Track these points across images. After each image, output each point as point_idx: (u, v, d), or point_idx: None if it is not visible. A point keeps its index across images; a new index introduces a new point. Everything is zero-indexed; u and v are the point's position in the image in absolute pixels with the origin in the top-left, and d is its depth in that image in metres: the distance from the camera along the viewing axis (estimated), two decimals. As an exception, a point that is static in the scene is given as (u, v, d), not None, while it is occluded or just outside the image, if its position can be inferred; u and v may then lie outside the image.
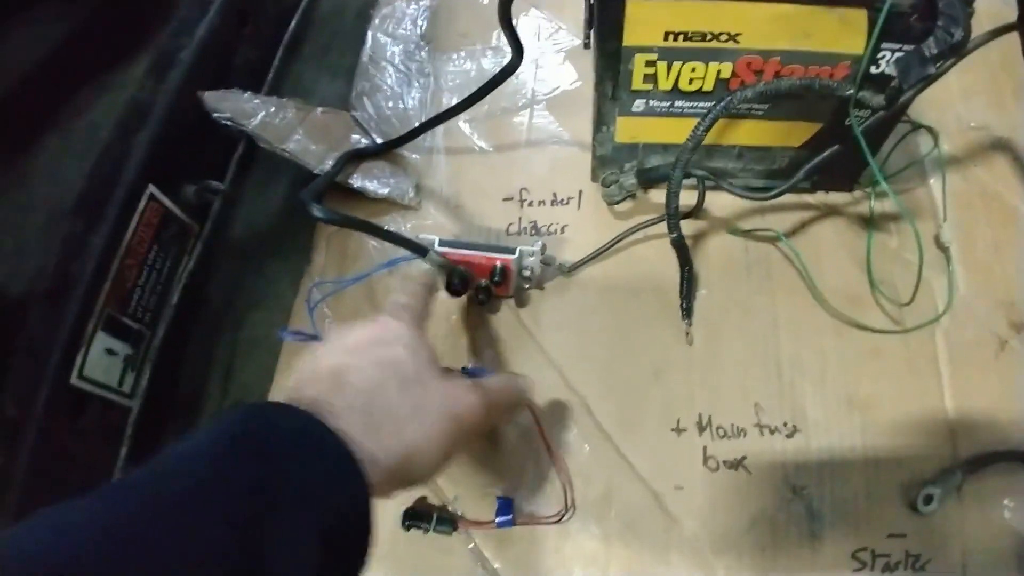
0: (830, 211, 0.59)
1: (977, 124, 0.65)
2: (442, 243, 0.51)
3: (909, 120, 0.60)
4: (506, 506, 0.48)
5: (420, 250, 0.49)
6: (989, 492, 0.49)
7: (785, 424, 0.51)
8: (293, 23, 0.70)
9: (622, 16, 0.45)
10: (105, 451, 0.51)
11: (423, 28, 0.69)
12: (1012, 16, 0.47)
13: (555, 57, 0.67)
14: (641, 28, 0.45)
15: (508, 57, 0.52)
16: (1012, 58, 0.50)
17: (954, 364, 0.53)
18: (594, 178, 0.59)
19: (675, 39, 0.46)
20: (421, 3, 0.70)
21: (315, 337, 0.48)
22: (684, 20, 0.45)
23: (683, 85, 0.49)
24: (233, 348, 0.58)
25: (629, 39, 0.46)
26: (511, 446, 0.51)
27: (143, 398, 0.54)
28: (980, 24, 0.45)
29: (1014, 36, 0.48)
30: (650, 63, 0.47)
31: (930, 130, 0.58)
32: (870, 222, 0.57)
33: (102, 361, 0.51)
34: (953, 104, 0.65)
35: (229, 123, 0.58)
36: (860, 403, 0.51)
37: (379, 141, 0.61)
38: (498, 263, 0.52)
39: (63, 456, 0.47)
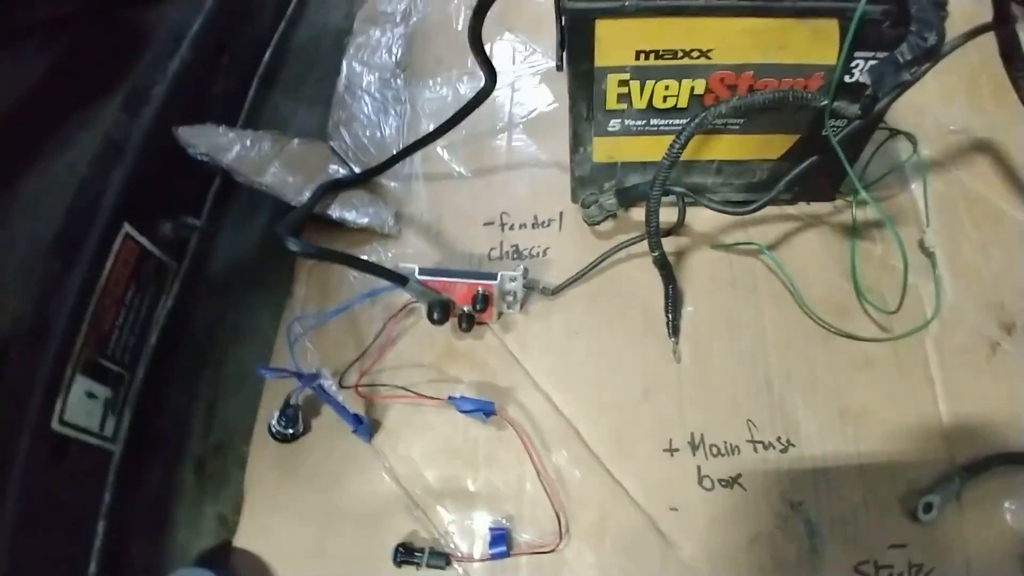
0: (813, 221, 0.58)
1: (957, 127, 0.65)
2: (422, 272, 0.51)
3: (887, 126, 0.60)
4: (499, 537, 0.47)
5: (400, 280, 0.49)
6: (989, 496, 0.48)
7: (779, 439, 0.50)
8: (269, 53, 0.70)
9: (592, 37, 0.44)
10: (89, 496, 0.50)
11: (398, 56, 0.69)
12: (987, 16, 0.47)
13: (531, 80, 0.67)
14: (612, 48, 0.45)
15: (483, 84, 0.51)
16: (991, 58, 0.50)
17: (946, 369, 0.53)
18: (574, 199, 0.59)
19: (647, 58, 0.46)
20: (395, 31, 0.70)
21: (297, 374, 0.47)
22: (655, 39, 0.45)
23: (657, 103, 0.49)
24: (216, 385, 0.57)
25: (600, 59, 0.46)
26: (502, 474, 0.50)
27: (125, 441, 0.53)
28: (955, 26, 0.45)
29: (992, 35, 0.48)
30: (623, 82, 0.47)
31: (909, 136, 0.58)
32: (853, 231, 0.57)
33: (83, 405, 0.50)
34: (932, 108, 0.65)
35: (205, 158, 0.58)
36: (853, 413, 0.51)
37: (357, 170, 0.61)
38: (479, 289, 0.51)
39: (48, 502, 0.46)
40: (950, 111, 0.65)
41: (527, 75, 0.68)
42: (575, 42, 0.45)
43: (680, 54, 0.46)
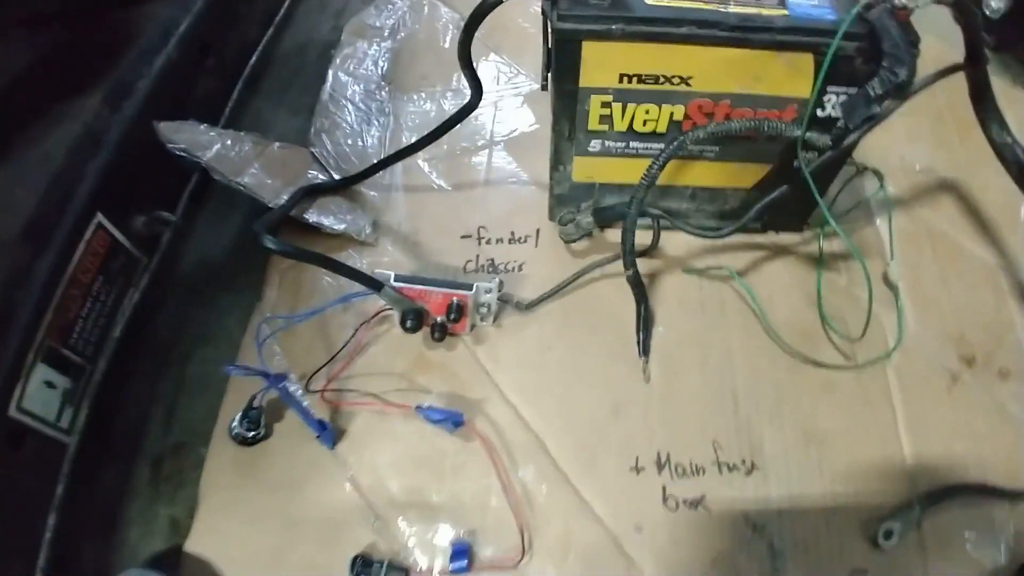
0: (781, 251, 0.60)
1: (923, 167, 0.68)
2: (398, 278, 0.51)
3: (855, 163, 0.62)
4: (461, 552, 0.46)
5: (375, 285, 0.49)
6: (949, 526, 0.49)
7: (743, 461, 0.51)
8: (255, 58, 0.70)
9: (579, 57, 0.46)
10: (42, 488, 0.48)
11: (384, 69, 0.70)
12: (956, 58, 0.49)
13: (514, 100, 0.68)
14: (597, 70, 0.46)
15: (468, 99, 0.52)
16: (957, 99, 0.52)
17: (907, 399, 0.54)
18: (552, 217, 0.60)
19: (630, 81, 0.47)
20: (383, 44, 0.71)
21: (263, 373, 0.46)
22: (638, 63, 0.46)
23: (637, 126, 0.50)
24: (178, 385, 0.56)
25: (585, 80, 0.47)
26: (467, 487, 0.49)
27: (81, 435, 0.51)
28: (924, 67, 0.47)
29: (959, 77, 0.50)
30: (605, 104, 0.49)
31: (876, 172, 0.60)
32: (820, 261, 0.58)
33: (41, 394, 0.48)
34: (898, 147, 0.68)
35: (184, 154, 0.57)
36: (816, 438, 0.52)
37: (336, 177, 0.61)
38: (454, 299, 0.51)
39: (2, 488, 0.45)
40: (916, 150, 0.68)
41: (510, 95, 0.69)
42: (561, 62, 0.46)
43: (661, 79, 0.47)
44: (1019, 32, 0.78)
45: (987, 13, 0.84)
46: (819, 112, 0.49)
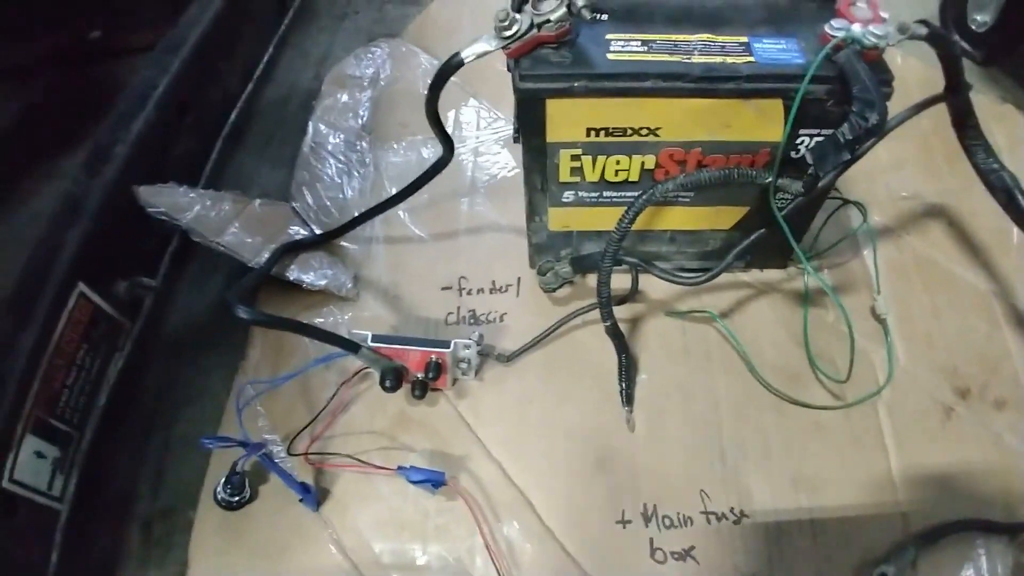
0: (766, 289, 0.59)
1: (909, 193, 0.67)
2: (375, 339, 0.51)
3: (838, 195, 0.61)
4: (447, 614, 0.46)
5: (352, 347, 0.49)
6: (946, 565, 0.48)
7: (732, 510, 0.50)
8: (235, 113, 0.70)
9: (543, 114, 0.45)
10: (37, 555, 0.48)
11: (364, 118, 0.70)
12: (940, 81, 0.48)
13: (494, 146, 0.68)
14: (563, 125, 0.46)
15: (442, 152, 0.52)
16: (943, 124, 0.51)
17: (899, 436, 0.53)
18: (532, 265, 0.59)
19: (597, 135, 0.47)
20: (363, 94, 0.72)
21: (242, 443, 0.46)
22: (604, 117, 0.46)
23: (609, 176, 0.50)
24: (165, 447, 0.56)
25: (552, 135, 0.47)
26: (452, 548, 0.49)
27: (72, 502, 0.52)
28: (908, 90, 0.46)
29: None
30: (575, 157, 0.48)
31: (858, 205, 0.59)
32: (805, 298, 0.58)
33: (31, 464, 0.49)
34: (883, 175, 0.67)
35: (164, 217, 0.58)
36: (806, 483, 0.51)
37: (318, 232, 0.61)
38: (432, 357, 0.51)
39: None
40: (902, 177, 0.67)
41: (490, 141, 0.69)
42: (527, 119, 0.46)
43: (629, 131, 0.47)
44: (1006, 45, 0.78)
45: (973, 27, 0.83)
46: (793, 155, 0.48)
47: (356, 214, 0.60)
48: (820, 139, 0.46)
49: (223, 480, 0.50)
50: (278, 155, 0.69)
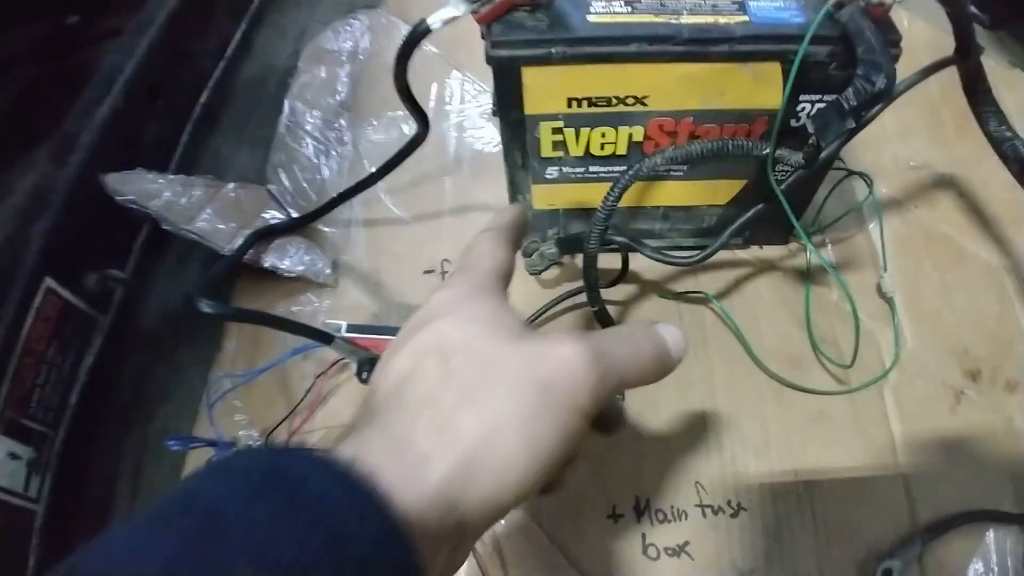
0: (766, 267, 0.56)
1: (917, 163, 0.63)
2: (351, 328, 0.48)
3: (843, 166, 0.58)
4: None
5: (325, 338, 0.46)
6: (954, 558, 0.46)
7: (729, 503, 0.47)
8: (210, 95, 0.67)
9: (520, 85, 0.42)
10: (15, 560, 0.47)
11: (343, 95, 0.67)
12: (950, 44, 0.45)
13: (478, 120, 0.65)
14: (542, 96, 0.43)
15: (431, 121, 0.49)
16: (953, 90, 0.48)
17: (906, 422, 0.50)
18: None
19: (579, 105, 0.43)
20: (341, 69, 0.68)
21: (211, 443, 0.44)
22: (586, 86, 0.43)
23: (595, 150, 0.46)
24: (143, 444, 0.54)
25: (531, 108, 0.44)
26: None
27: (49, 502, 0.50)
28: (915, 54, 0.43)
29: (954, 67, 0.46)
30: (557, 130, 0.45)
31: (863, 176, 0.56)
32: (807, 276, 0.55)
33: (6, 466, 0.47)
34: (890, 144, 0.64)
35: (133, 206, 0.55)
36: (807, 473, 0.48)
37: (294, 215, 0.59)
38: (411, 346, 0.48)
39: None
40: (910, 146, 0.64)
41: (475, 115, 0.65)
42: (503, 90, 0.43)
43: (614, 101, 0.43)
44: (1015, 8, 0.73)
45: (980, -11, 0.79)
46: (793, 123, 0.44)
47: (334, 195, 0.57)
48: (823, 106, 0.43)
49: (198, 478, 0.48)
50: (256, 136, 0.66)
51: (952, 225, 0.59)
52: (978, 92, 0.49)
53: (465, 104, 0.66)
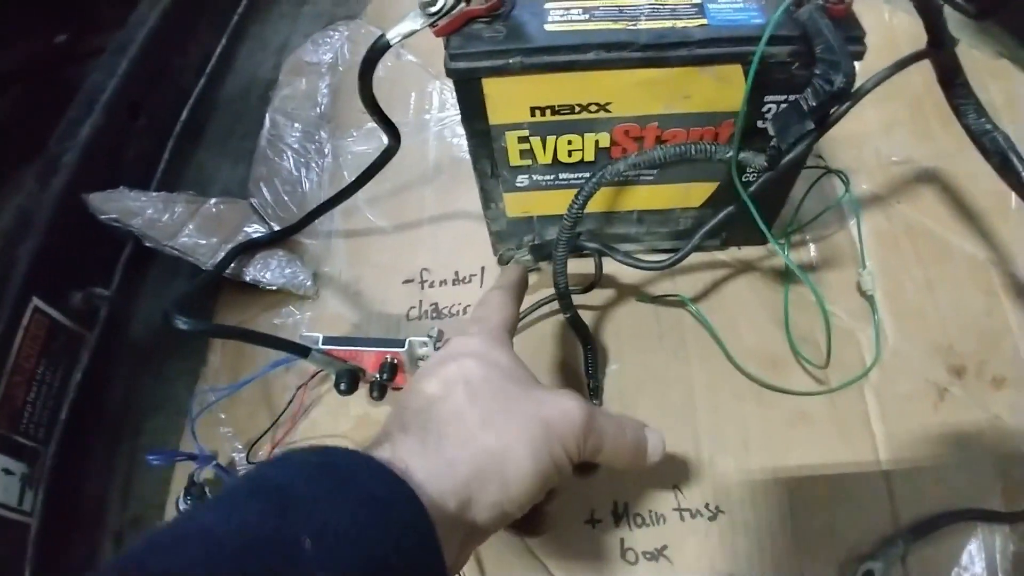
0: (745, 268, 0.56)
1: (900, 158, 0.62)
2: (327, 340, 0.49)
3: (820, 164, 0.57)
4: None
5: (302, 351, 0.47)
6: (938, 559, 0.45)
7: (707, 506, 0.47)
8: (190, 109, 0.68)
9: (482, 96, 0.42)
10: (11, 570, 0.48)
11: (323, 107, 0.67)
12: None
13: (457, 128, 0.65)
14: (504, 106, 0.43)
15: (410, 131, 0.50)
16: (935, 82, 0.47)
17: (887, 421, 0.50)
18: (495, 253, 0.57)
19: (543, 114, 0.44)
20: (322, 81, 0.69)
21: (191, 456, 0.45)
22: (547, 95, 0.43)
23: (563, 157, 0.47)
24: (132, 457, 0.55)
25: (495, 118, 0.44)
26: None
27: (42, 516, 0.51)
28: (897, 48, 0.42)
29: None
30: (523, 139, 0.45)
31: (840, 174, 0.55)
32: (786, 276, 0.54)
33: (0, 481, 0.48)
34: (872, 139, 0.63)
35: (116, 224, 0.56)
36: (787, 474, 0.48)
37: (276, 228, 0.59)
38: (388, 357, 0.49)
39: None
40: (892, 140, 0.63)
41: (454, 123, 0.65)
42: (465, 101, 0.43)
43: (577, 108, 0.43)
44: (1000, -3, 0.72)
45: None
46: (760, 124, 0.44)
47: (311, 210, 0.58)
48: (784, 107, 0.43)
49: (183, 492, 0.49)
50: (239, 150, 0.67)
51: (936, 220, 0.59)
52: (954, 84, 0.48)
53: (444, 112, 0.66)
